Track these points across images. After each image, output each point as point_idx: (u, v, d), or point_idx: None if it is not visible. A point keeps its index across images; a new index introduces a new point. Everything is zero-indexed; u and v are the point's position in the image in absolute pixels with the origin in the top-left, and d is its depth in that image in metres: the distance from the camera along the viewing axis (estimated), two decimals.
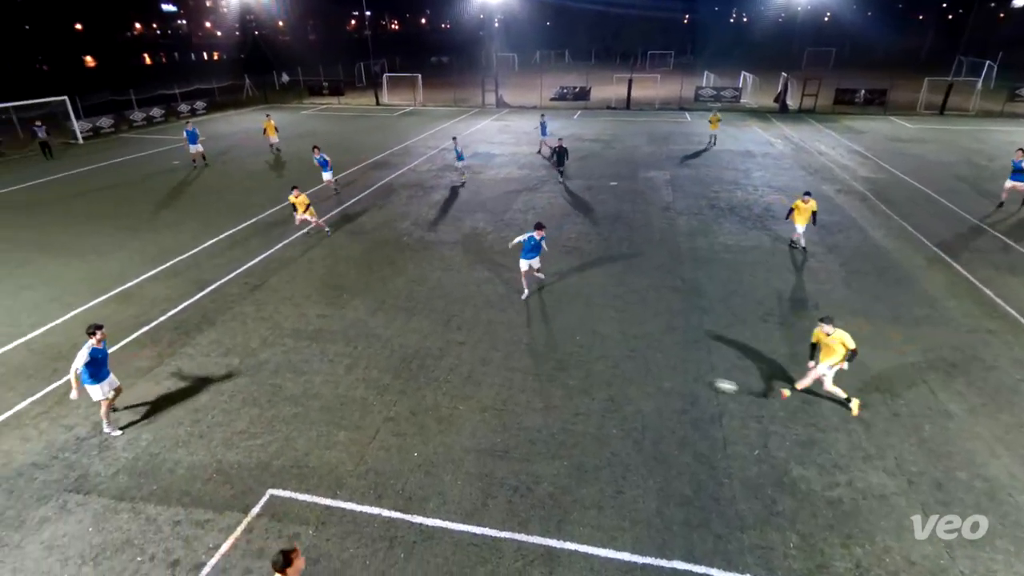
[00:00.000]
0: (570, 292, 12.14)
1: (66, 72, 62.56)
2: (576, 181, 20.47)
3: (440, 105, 41.34)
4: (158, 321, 11.16)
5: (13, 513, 6.84)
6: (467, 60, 69.69)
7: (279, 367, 9.60)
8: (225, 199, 19.03)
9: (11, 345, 10.34)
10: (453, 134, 26.79)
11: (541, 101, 40.23)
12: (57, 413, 8.55)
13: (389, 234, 15.64)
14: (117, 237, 15.60)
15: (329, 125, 33.87)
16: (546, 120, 25.29)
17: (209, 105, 39.75)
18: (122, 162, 24.54)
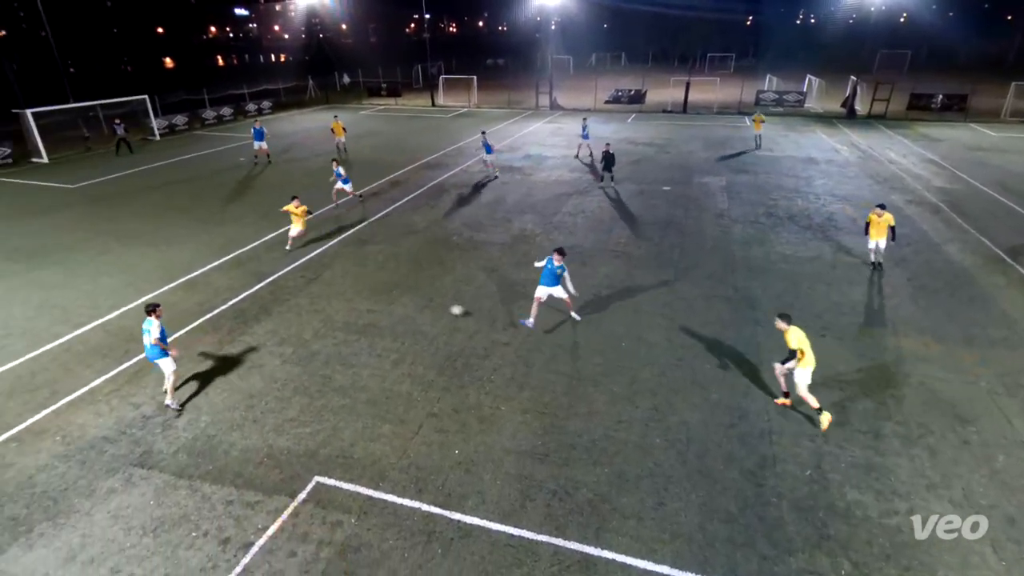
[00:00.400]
0: (617, 297, 11.98)
1: (147, 73, 66.81)
2: (627, 185, 20.20)
3: (494, 107, 41.68)
4: (220, 309, 11.74)
5: (85, 483, 7.35)
6: (522, 62, 69.97)
7: (329, 359, 9.92)
8: (285, 195, 19.79)
9: (90, 326, 11.13)
10: (483, 128, 27.18)
11: (595, 104, 39.93)
12: (127, 392, 9.13)
13: (439, 233, 15.88)
14: (188, 228, 16.52)
15: (385, 125, 34.74)
16: (588, 123, 24.92)
17: (274, 105, 41.54)
18: (193, 158, 25.98)
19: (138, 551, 6.38)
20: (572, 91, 45.94)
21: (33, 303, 12.11)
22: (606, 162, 19.54)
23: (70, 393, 9.08)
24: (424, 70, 53.32)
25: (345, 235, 15.78)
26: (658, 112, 37.73)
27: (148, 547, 6.42)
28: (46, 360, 10.01)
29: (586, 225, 16.33)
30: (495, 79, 54.51)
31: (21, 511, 6.93)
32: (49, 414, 8.62)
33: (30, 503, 7.04)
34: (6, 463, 7.68)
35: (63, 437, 8.15)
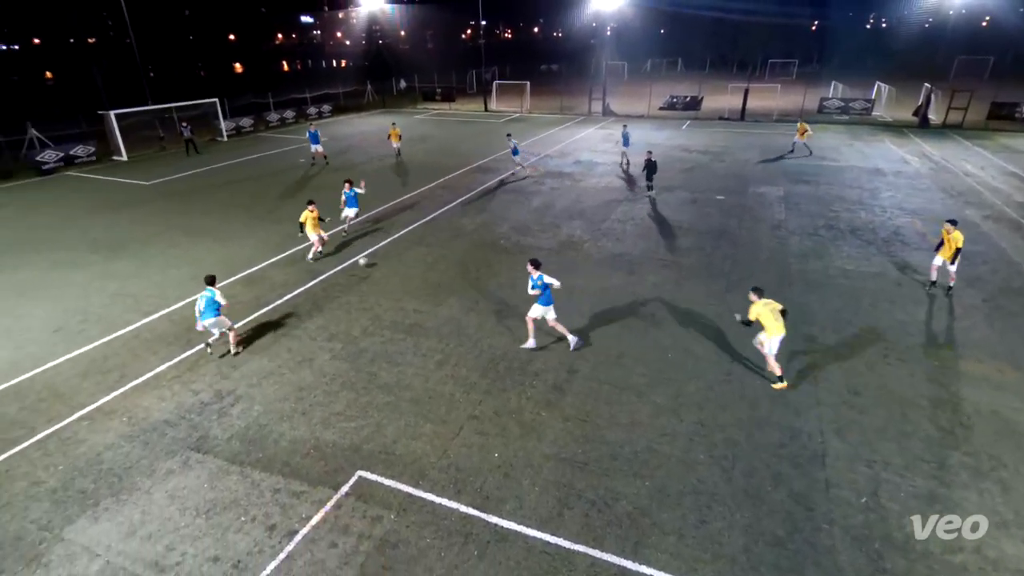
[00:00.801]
0: (665, 307, 11.74)
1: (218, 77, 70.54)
2: (680, 193, 19.79)
3: (546, 112, 41.74)
4: (275, 304, 12.23)
5: (146, 463, 7.79)
6: (576, 68, 69.81)
7: (376, 356, 10.15)
8: (338, 197, 20.45)
9: (157, 315, 11.82)
10: (508, 132, 27.30)
11: (648, 110, 39.38)
12: (188, 378, 9.64)
13: (487, 236, 16.02)
14: (249, 225, 17.31)
15: (439, 129, 35.37)
16: (629, 131, 24.05)
17: (334, 108, 43.03)
18: (257, 158, 27.22)
19: (191, 531, 6.70)
20: (625, 97, 45.46)
21: (109, 292, 12.96)
22: (648, 170, 19.07)
23: (137, 377, 9.66)
24: (478, 75, 54.04)
25: (396, 236, 16.14)
26: (714, 119, 36.82)
27: (200, 528, 6.74)
28: (117, 345, 10.69)
29: (635, 233, 16.10)
30: (548, 84, 54.59)
31: (90, 485, 7.41)
32: (118, 396, 9.19)
33: (97, 479, 7.52)
34: (79, 439, 8.24)
35: (129, 418, 8.67)
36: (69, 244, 16.08)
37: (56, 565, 6.33)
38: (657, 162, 19.35)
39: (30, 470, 7.68)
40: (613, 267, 13.78)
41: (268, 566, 6.24)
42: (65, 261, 14.82)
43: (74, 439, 8.25)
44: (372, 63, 69.93)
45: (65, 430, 8.43)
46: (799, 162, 24.14)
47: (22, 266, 14.56)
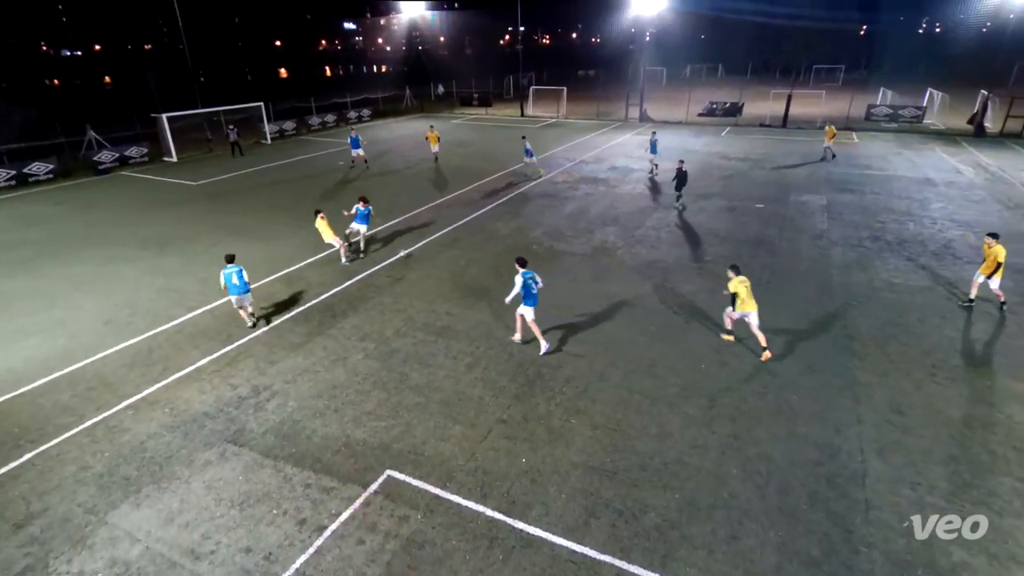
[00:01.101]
0: (699, 317, 11.52)
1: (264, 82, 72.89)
2: (717, 201, 19.42)
3: (582, 118, 41.61)
4: (312, 303, 12.52)
5: (186, 453, 8.06)
6: (613, 74, 69.44)
7: (408, 357, 10.27)
8: (376, 198, 20.83)
9: (200, 310, 12.24)
10: (523, 135, 27.43)
11: (687, 116, 38.82)
12: (227, 373, 9.94)
13: (520, 241, 16.04)
14: (289, 226, 17.79)
15: (475, 134, 35.66)
16: (657, 138, 23.51)
17: (373, 113, 43.92)
18: (298, 161, 27.97)
19: (226, 521, 6.89)
20: (663, 103, 44.95)
21: (156, 287, 13.51)
22: (678, 180, 18.30)
23: (179, 370, 10.02)
24: (515, 81, 54.31)
25: (430, 239, 16.32)
26: (755, 126, 36.03)
27: (235, 519, 6.93)
28: (162, 339, 11.12)
29: (670, 240, 15.87)
30: (585, 90, 54.41)
31: (133, 472, 7.71)
32: (161, 387, 9.55)
33: (140, 466, 7.82)
34: (124, 428, 8.59)
35: (171, 409, 9.00)
36: (121, 240, 16.83)
37: (100, 548, 6.60)
38: (688, 172, 18.65)
39: (79, 455, 8.05)
40: (647, 274, 13.61)
41: (298, 559, 6.37)
42: (117, 256, 15.52)
43: (120, 427, 8.60)
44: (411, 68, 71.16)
45: (112, 418, 8.80)
46: (843, 170, 23.39)
47: (78, 260, 15.30)
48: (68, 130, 28.45)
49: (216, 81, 63.91)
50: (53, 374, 9.96)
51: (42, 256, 15.70)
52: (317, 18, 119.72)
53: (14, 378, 9.85)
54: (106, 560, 6.43)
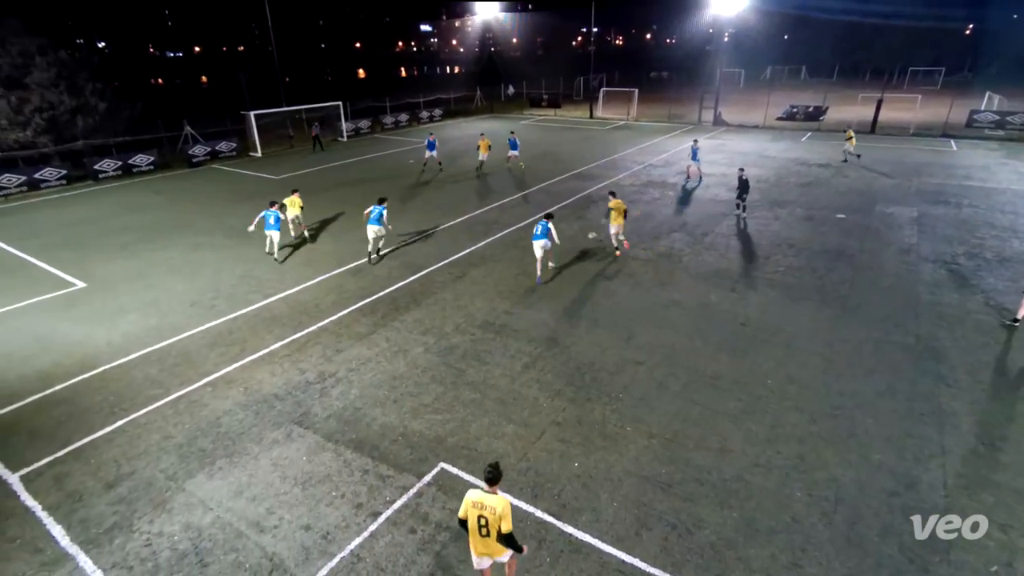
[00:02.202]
0: (768, 330, 11.00)
1: (343, 82, 76.11)
2: (794, 209, 18.49)
3: (653, 120, 40.75)
4: (377, 295, 12.95)
5: (256, 431, 8.55)
6: (688, 75, 67.57)
7: (466, 353, 10.42)
8: (444, 196, 21.30)
9: (275, 297, 12.95)
10: (511, 130, 28.00)
11: (765, 120, 37.18)
12: (296, 358, 10.46)
13: (583, 243, 15.90)
14: (359, 220, 18.45)
15: (543, 135, 35.70)
16: (699, 146, 22.51)
17: (444, 113, 44.90)
18: (372, 158, 29.03)
19: (289, 498, 7.26)
20: (740, 106, 43.28)
21: (237, 273, 14.41)
22: (740, 189, 17.64)
23: (254, 352, 10.64)
24: (586, 82, 53.92)
25: (494, 238, 16.49)
26: (839, 132, 34.02)
27: (297, 497, 7.28)
28: (241, 322, 11.85)
29: (740, 248, 15.26)
30: (657, 92, 53.30)
31: (209, 445, 8.27)
32: (237, 368, 10.18)
33: (215, 440, 8.37)
34: (203, 403, 9.22)
35: (245, 389, 9.57)
36: (208, 229, 18.08)
37: (177, 512, 7.12)
38: (749, 181, 17.84)
39: (163, 425, 8.71)
40: (714, 283, 13.16)
41: (353, 541, 6.61)
42: (204, 244, 16.68)
43: (199, 402, 9.25)
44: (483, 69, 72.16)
45: (193, 393, 9.47)
46: (939, 181, 21.65)
47: (171, 246, 16.57)
48: (168, 126, 30.87)
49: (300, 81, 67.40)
50: (145, 349, 10.83)
51: (141, 241, 17.11)
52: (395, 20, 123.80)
53: (112, 351, 10.79)
54: (182, 524, 6.93)
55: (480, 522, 5.15)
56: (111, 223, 19.03)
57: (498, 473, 5.19)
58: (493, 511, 5.10)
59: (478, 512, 5.15)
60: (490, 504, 5.13)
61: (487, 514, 5.12)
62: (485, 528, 5.15)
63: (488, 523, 5.12)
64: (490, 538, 5.16)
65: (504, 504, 5.10)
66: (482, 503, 5.15)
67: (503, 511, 5.06)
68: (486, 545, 5.23)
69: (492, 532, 5.12)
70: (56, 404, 9.24)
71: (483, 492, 5.21)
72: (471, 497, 5.21)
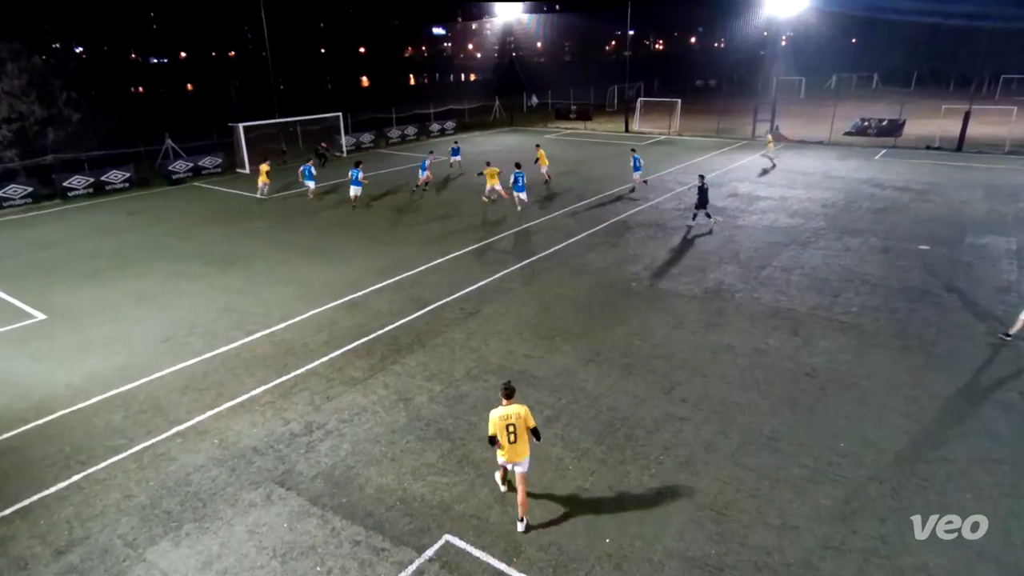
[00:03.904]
0: (839, 382, 10.78)
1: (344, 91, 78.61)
2: (868, 239, 18.33)
3: (699, 135, 41.13)
4: (376, 334, 13.03)
5: (231, 491, 8.54)
6: (739, 84, 68.39)
7: (478, 403, 10.36)
8: (455, 220, 21.59)
9: (259, 334, 13.11)
10: (456, 139, 28.43)
11: (830, 135, 37.26)
12: (280, 405, 10.51)
13: (617, 276, 15.91)
14: (359, 246, 18.79)
15: (571, 151, 36.21)
16: (639, 155, 24.65)
17: (458, 125, 45.94)
18: (374, 176, 29.64)
19: (266, 573, 7.18)
20: (801, 119, 43.48)
21: (217, 305, 14.66)
22: (700, 198, 19.44)
23: (232, 398, 10.72)
24: (621, 91, 54.84)
25: (512, 268, 16.58)
26: (919, 149, 33.90)
27: (275, 572, 7.20)
28: (218, 362, 11.99)
29: (804, 284, 15.11)
30: (703, 103, 53.96)
31: (176, 507, 8.27)
32: (212, 416, 10.25)
33: (184, 500, 8.37)
34: (171, 457, 9.27)
35: (220, 441, 9.61)
36: (186, 254, 18.51)
37: None
38: (709, 189, 19.74)
39: (124, 482, 8.75)
40: (773, 325, 13.01)
41: None
42: (181, 271, 17.06)
43: (167, 456, 9.29)
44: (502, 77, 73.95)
45: (160, 445, 9.53)
46: None
47: (144, 274, 16.97)
48: (147, 138, 32.05)
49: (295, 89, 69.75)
50: (109, 392, 10.99)
51: (111, 267, 17.56)
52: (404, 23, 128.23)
53: (71, 394, 10.97)
54: None
55: (509, 430, 7.23)
56: (79, 247, 19.61)
57: (513, 388, 7.48)
58: (518, 416, 7.29)
59: (505, 423, 7.23)
60: (513, 412, 7.29)
61: (514, 421, 7.23)
62: (514, 435, 7.24)
63: (516, 429, 7.23)
64: (517, 443, 7.28)
65: (525, 409, 7.39)
66: (507, 415, 7.26)
67: (526, 413, 7.35)
68: (513, 450, 7.32)
69: (519, 437, 7.26)
70: (3, 455, 9.37)
71: (504, 407, 7.33)
72: (496, 414, 7.30)
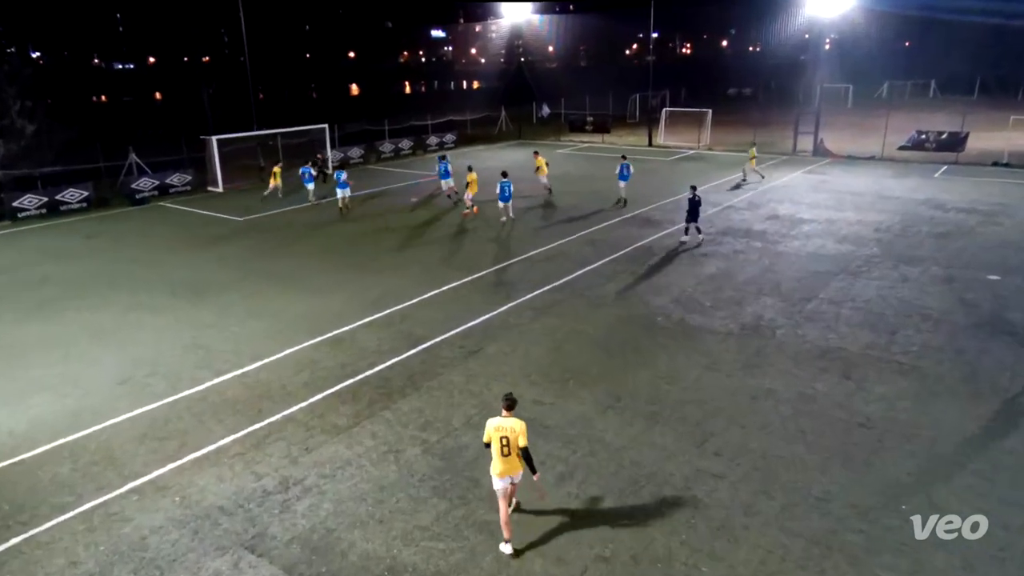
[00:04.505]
0: (898, 434, 10.64)
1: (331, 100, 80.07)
2: (929, 267, 18.30)
3: (732, 149, 41.45)
4: (363, 375, 13.00)
5: (193, 558, 8.44)
6: (778, 93, 69.18)
7: (479, 457, 10.24)
8: (456, 245, 21.72)
9: (229, 375, 13.11)
10: (442, 154, 31.70)
11: (883, 150, 37.48)
12: (252, 457, 10.44)
13: (639, 310, 15.90)
14: (343, 275, 18.89)
15: (588, 167, 36.54)
16: (628, 162, 27.23)
17: (458, 138, 46.57)
18: (363, 195, 29.95)
19: None
20: (849, 131, 43.85)
21: (183, 341, 14.70)
22: (691, 211, 20.64)
23: (198, 449, 10.67)
24: (643, 101, 55.54)
25: (519, 300, 16.60)
26: (986, 165, 34.03)
27: None
28: (182, 407, 11.97)
29: (857, 320, 15.04)
30: (737, 113, 54.46)
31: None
32: (174, 469, 10.18)
33: (138, 569, 8.27)
34: (125, 517, 9.19)
35: (182, 498, 9.53)
36: (150, 284, 18.65)
37: None
38: (701, 200, 21.03)
39: (71, 546, 8.66)
40: (821, 366, 12.92)
41: None
42: (144, 303, 17.16)
43: (120, 515, 9.21)
44: (509, 84, 75.18)
45: (113, 503, 9.46)
46: None
47: (103, 306, 17.09)
48: (109, 153, 32.62)
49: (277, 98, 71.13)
50: (57, 440, 10.96)
51: (65, 297, 17.71)
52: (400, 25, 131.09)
53: (14, 443, 10.95)
54: None
55: (503, 442, 7.79)
56: (27, 274, 19.81)
57: (514, 400, 8.06)
58: (513, 431, 7.80)
59: (500, 435, 7.80)
60: (509, 426, 7.84)
61: (508, 434, 7.78)
62: (507, 448, 7.79)
63: (510, 443, 7.78)
64: (510, 457, 7.82)
65: (521, 424, 7.87)
66: (503, 426, 7.84)
67: (521, 430, 7.82)
68: (507, 463, 7.85)
69: (512, 451, 7.80)
70: None
71: (502, 418, 7.93)
72: (493, 423, 7.93)
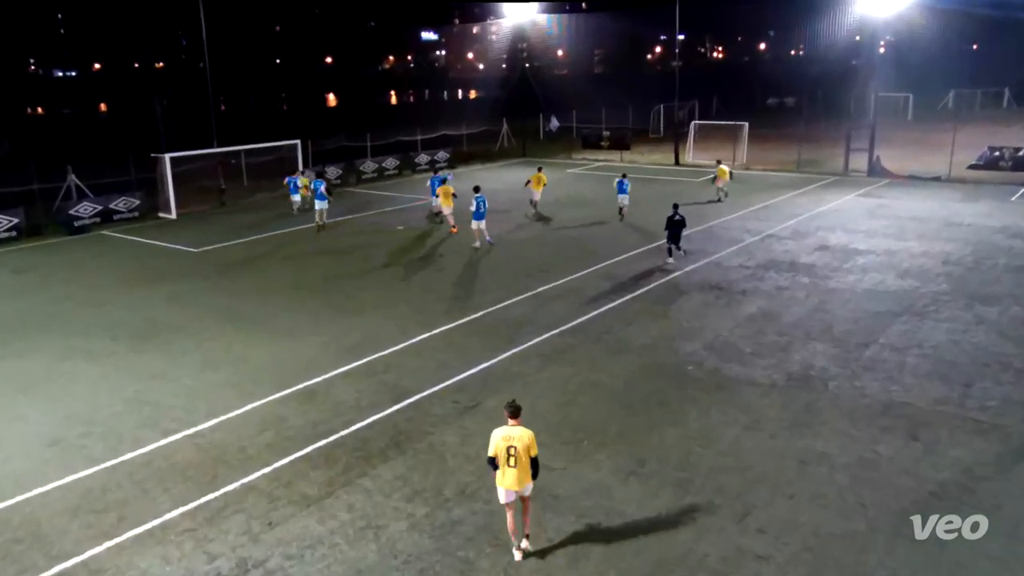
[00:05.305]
0: (977, 503, 10.50)
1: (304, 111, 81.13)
2: (1008, 306, 18.33)
3: (773, 168, 41.83)
4: (339, 435, 12.91)
5: None
6: (825, 103, 69.89)
7: (477, 534, 10.13)
8: (449, 279, 21.75)
9: (179, 435, 13.02)
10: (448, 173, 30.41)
11: (950, 169, 37.75)
12: (204, 534, 10.30)
13: (666, 358, 15.88)
14: (317, 316, 18.91)
15: (602, 189, 36.60)
16: (627, 179, 29.47)
17: (452, 156, 47.03)
18: (341, 221, 30.16)
19: None
20: (909, 147, 44.28)
21: (124, 394, 14.65)
22: (671, 230, 22.11)
23: (140, 524, 10.52)
24: (669, 113, 56.16)
25: (524, 346, 16.57)
26: None
27: None
28: (122, 473, 11.86)
29: (924, 369, 14.99)
30: (778, 127, 55.05)
31: None
32: (111, 548, 10.03)
33: None
34: None
35: None
36: (88, 326, 18.68)
37: None
38: (685, 221, 22.36)
39: None
40: (882, 425, 12.85)
41: None
42: (79, 349, 17.15)
43: None
44: (512, 94, 76.09)
45: None
46: None
47: (31, 352, 17.08)
48: (44, 173, 32.92)
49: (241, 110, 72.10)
50: None
51: None
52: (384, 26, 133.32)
53: None
54: None
55: (509, 452, 8.72)
56: None
57: (519, 407, 9.11)
58: (521, 440, 8.77)
59: (507, 444, 8.75)
60: (516, 435, 8.80)
61: (515, 443, 8.73)
62: (514, 458, 8.73)
63: (517, 452, 8.72)
64: (517, 468, 8.77)
65: (529, 434, 8.91)
66: (510, 436, 8.81)
67: (530, 440, 8.88)
68: (515, 475, 8.78)
69: (519, 461, 8.76)
70: None
71: (508, 427, 8.92)
72: (499, 433, 8.89)
